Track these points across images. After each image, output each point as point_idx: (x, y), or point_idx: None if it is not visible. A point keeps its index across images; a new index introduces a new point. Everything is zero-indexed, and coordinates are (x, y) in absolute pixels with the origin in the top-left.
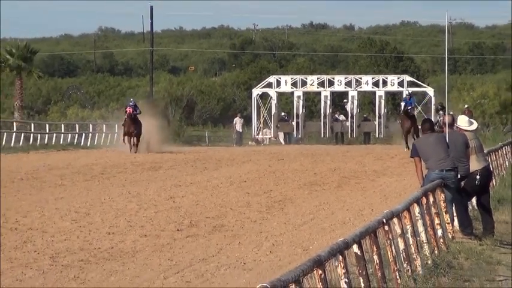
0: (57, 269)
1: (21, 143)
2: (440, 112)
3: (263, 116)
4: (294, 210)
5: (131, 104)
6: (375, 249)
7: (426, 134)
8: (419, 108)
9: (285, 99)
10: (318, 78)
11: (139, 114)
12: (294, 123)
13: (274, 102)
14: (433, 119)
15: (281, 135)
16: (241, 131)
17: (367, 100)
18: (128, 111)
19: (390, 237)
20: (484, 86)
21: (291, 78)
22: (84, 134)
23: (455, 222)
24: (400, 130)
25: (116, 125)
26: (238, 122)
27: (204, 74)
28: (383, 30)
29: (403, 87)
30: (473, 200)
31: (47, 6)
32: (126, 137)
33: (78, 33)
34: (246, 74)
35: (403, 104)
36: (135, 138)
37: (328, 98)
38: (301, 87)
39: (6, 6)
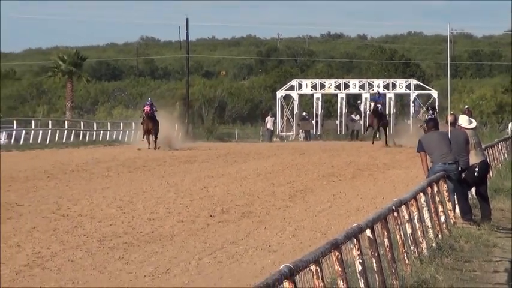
0: (104, 250)
1: (72, 139)
2: (430, 111)
3: (286, 115)
4: (313, 199)
5: (148, 103)
6: (386, 233)
7: (430, 132)
8: (424, 108)
9: (306, 100)
10: (335, 82)
11: (156, 111)
12: (314, 121)
13: (296, 103)
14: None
15: (302, 133)
16: (272, 129)
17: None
18: (146, 110)
19: (399, 222)
20: (482, 88)
21: (311, 82)
22: (127, 131)
23: (457, 210)
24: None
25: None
26: (269, 121)
27: (234, 78)
28: (392, 39)
29: (410, 89)
30: (473, 189)
31: (95, 17)
32: (145, 135)
33: (122, 41)
34: (271, 78)
35: (372, 103)
36: (153, 135)
37: (344, 99)
38: (320, 89)
39: (59, 18)
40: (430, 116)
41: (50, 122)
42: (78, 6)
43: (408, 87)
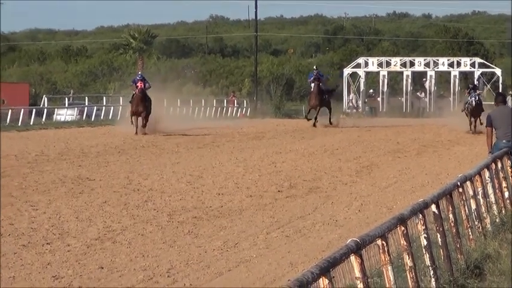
0: (173, 225)
1: None
2: (473, 92)
3: (353, 92)
4: (379, 175)
5: (139, 77)
6: (451, 208)
7: (500, 106)
8: (488, 86)
9: (372, 78)
10: (400, 60)
11: (149, 88)
12: (380, 99)
13: (362, 80)
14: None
15: (367, 109)
16: (357, 105)
17: (443, 79)
18: (140, 86)
19: (464, 198)
20: None
21: (377, 60)
22: (197, 108)
23: None
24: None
25: (120, 98)
26: (354, 98)
27: (301, 56)
28: (457, 18)
29: (474, 67)
30: None
31: None
32: (133, 117)
33: (192, 20)
34: (338, 56)
35: (312, 81)
36: (142, 117)
37: (409, 77)
38: (386, 67)
39: None
40: (473, 97)
41: (121, 98)
42: None
43: (472, 65)
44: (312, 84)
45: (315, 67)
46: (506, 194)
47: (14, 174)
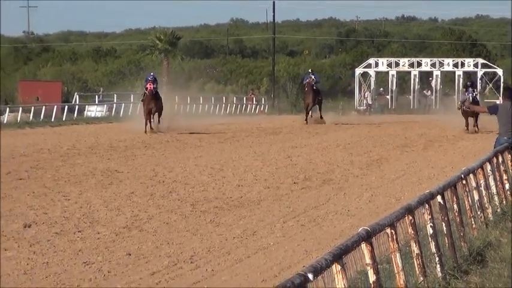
0: (196, 214)
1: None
2: (470, 89)
3: (364, 90)
4: (388, 168)
5: (150, 78)
6: (455, 199)
7: (505, 101)
8: (490, 85)
9: (382, 77)
10: (408, 61)
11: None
12: (389, 97)
13: (372, 79)
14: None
15: (377, 106)
16: (371, 103)
17: (448, 78)
18: (150, 88)
19: (467, 189)
20: None
21: (387, 60)
22: (218, 105)
23: None
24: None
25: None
26: (369, 96)
27: (316, 57)
28: (461, 21)
29: (477, 68)
30: None
31: (190, 1)
32: (146, 116)
33: (214, 23)
34: (350, 57)
35: (307, 79)
36: (155, 116)
37: (417, 76)
38: (395, 67)
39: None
40: (470, 93)
41: None
42: None
43: (475, 65)
44: (306, 88)
45: (310, 70)
46: (507, 186)
47: (47, 167)
